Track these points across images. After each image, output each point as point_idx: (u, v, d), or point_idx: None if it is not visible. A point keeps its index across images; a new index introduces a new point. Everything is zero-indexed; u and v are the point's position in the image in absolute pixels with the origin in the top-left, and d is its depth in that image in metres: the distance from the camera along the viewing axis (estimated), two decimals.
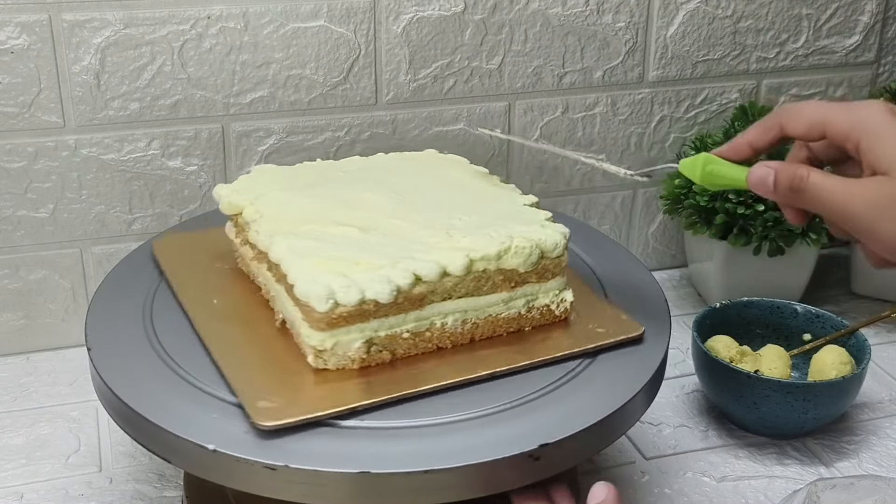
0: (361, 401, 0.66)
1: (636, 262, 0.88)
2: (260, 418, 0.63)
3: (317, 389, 0.67)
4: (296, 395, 0.67)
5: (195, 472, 0.66)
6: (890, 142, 0.59)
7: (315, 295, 0.66)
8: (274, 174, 0.83)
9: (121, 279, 0.82)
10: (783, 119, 0.65)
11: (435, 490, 0.63)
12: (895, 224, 0.58)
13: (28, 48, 0.93)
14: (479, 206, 0.78)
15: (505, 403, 0.68)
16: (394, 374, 0.69)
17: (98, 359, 0.71)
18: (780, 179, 0.63)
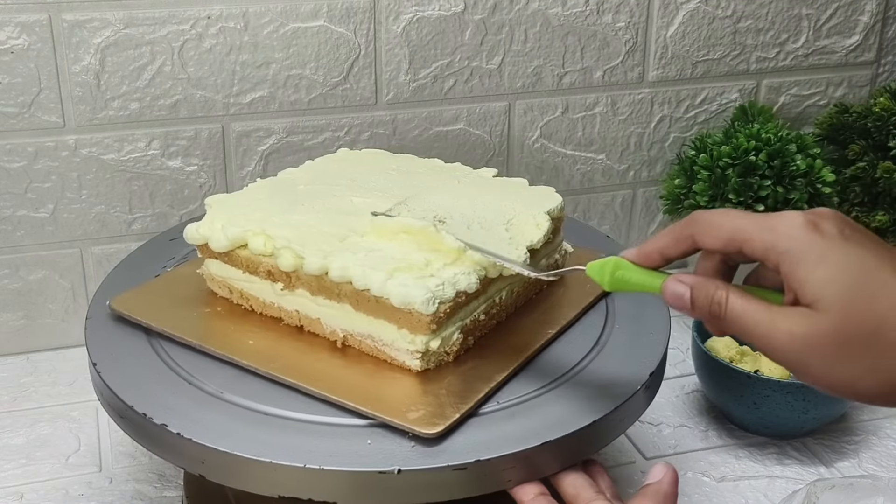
0: (485, 388, 0.68)
1: None
2: (425, 427, 0.63)
3: (437, 387, 0.68)
4: (428, 398, 0.67)
5: (195, 471, 0.66)
6: (811, 266, 0.54)
7: (420, 299, 0.66)
8: (231, 200, 0.79)
9: (121, 279, 0.82)
10: (696, 232, 0.60)
11: (435, 489, 0.63)
12: (826, 363, 0.53)
13: (28, 48, 0.93)
14: (467, 197, 0.79)
15: (505, 402, 0.68)
16: (471, 359, 0.71)
17: (98, 359, 0.71)
18: (696, 299, 0.59)
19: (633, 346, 0.75)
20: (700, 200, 1.04)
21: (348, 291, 0.70)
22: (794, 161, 1.03)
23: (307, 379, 0.68)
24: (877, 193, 1.07)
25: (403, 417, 0.64)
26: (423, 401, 0.66)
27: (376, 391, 0.68)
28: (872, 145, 1.09)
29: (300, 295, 0.73)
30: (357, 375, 0.69)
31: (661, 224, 1.20)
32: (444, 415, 0.65)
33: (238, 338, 0.73)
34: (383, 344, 0.70)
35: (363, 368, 0.70)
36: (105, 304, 0.78)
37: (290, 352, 0.72)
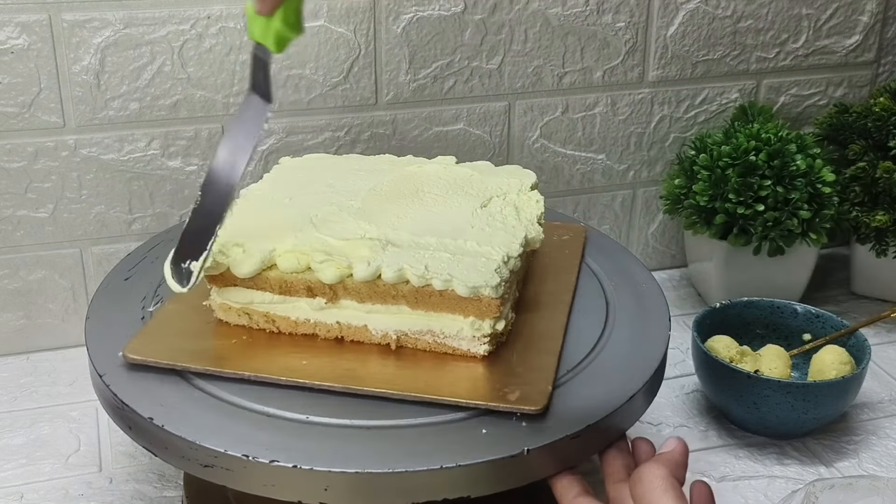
0: (554, 359, 0.71)
1: (636, 262, 0.88)
2: (530, 405, 0.65)
3: (507, 367, 0.70)
4: (510, 378, 0.69)
5: (195, 472, 0.66)
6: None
7: (488, 284, 0.68)
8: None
9: (121, 279, 0.82)
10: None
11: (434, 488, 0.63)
12: None
13: (28, 48, 0.93)
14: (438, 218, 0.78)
15: None
16: (515, 338, 0.74)
17: (98, 359, 0.71)
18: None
19: (633, 346, 0.75)
20: (700, 200, 1.04)
21: (406, 291, 0.70)
22: (794, 161, 1.03)
23: (384, 385, 0.68)
24: (877, 193, 1.07)
25: (506, 400, 0.66)
26: (508, 382, 0.68)
27: (459, 382, 0.69)
28: (872, 145, 1.09)
29: (344, 306, 0.72)
30: (425, 372, 0.70)
31: (662, 224, 1.20)
32: (539, 390, 0.67)
33: (288, 360, 0.71)
34: (445, 336, 0.71)
35: (422, 364, 0.71)
36: (105, 305, 0.78)
37: (350, 363, 0.71)
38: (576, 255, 0.87)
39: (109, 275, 0.83)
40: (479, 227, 0.75)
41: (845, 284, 1.19)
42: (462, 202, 0.79)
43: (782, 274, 1.08)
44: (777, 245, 1.03)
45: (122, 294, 0.80)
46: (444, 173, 0.85)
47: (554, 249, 0.87)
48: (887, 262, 1.10)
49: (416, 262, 0.70)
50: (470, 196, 0.80)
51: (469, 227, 0.75)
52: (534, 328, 0.75)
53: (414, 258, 0.70)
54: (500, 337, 0.72)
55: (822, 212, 1.03)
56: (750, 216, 1.02)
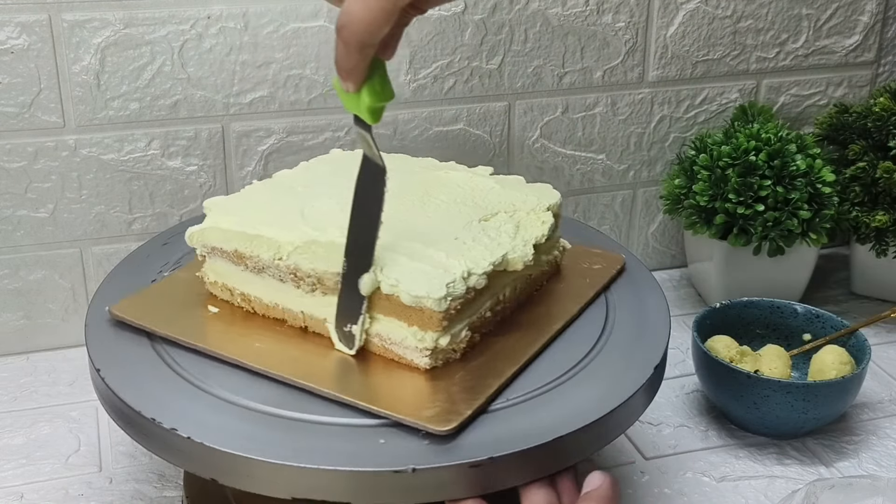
0: (496, 383, 0.69)
1: (636, 261, 0.88)
2: (439, 425, 0.63)
3: (447, 384, 0.69)
4: (439, 396, 0.67)
5: (195, 470, 0.66)
6: None
7: (431, 295, 0.66)
8: (230, 203, 0.78)
9: (121, 279, 0.82)
10: None
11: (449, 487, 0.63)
12: None
13: (28, 48, 0.93)
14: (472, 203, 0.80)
15: (505, 402, 0.68)
16: (478, 356, 0.72)
17: (98, 359, 0.71)
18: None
19: (633, 346, 0.75)
20: (700, 200, 1.04)
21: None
22: (794, 161, 1.03)
23: (317, 380, 0.68)
24: (877, 193, 1.07)
25: (417, 415, 0.64)
26: (434, 398, 0.66)
27: (388, 390, 0.68)
28: (872, 145, 1.09)
29: (313, 295, 0.73)
30: (366, 375, 0.70)
31: (662, 224, 1.20)
32: (457, 411, 0.65)
33: (244, 341, 0.73)
34: (391, 342, 0.70)
35: (372, 368, 0.70)
36: (105, 305, 0.78)
37: (299, 353, 0.72)
38: (595, 285, 0.82)
39: (109, 275, 0.83)
40: (464, 239, 0.73)
41: (845, 284, 1.19)
42: (463, 212, 0.78)
43: (782, 274, 1.08)
44: (777, 245, 1.03)
45: (122, 294, 0.80)
46: (464, 182, 0.83)
47: (575, 276, 0.83)
48: (887, 262, 1.10)
49: (375, 263, 0.69)
50: (476, 207, 0.79)
51: (452, 238, 0.73)
52: (498, 350, 0.73)
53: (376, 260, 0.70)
54: (449, 353, 0.70)
55: (822, 212, 1.03)
56: (750, 216, 1.02)
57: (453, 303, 0.68)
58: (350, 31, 0.59)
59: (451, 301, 0.67)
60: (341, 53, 0.61)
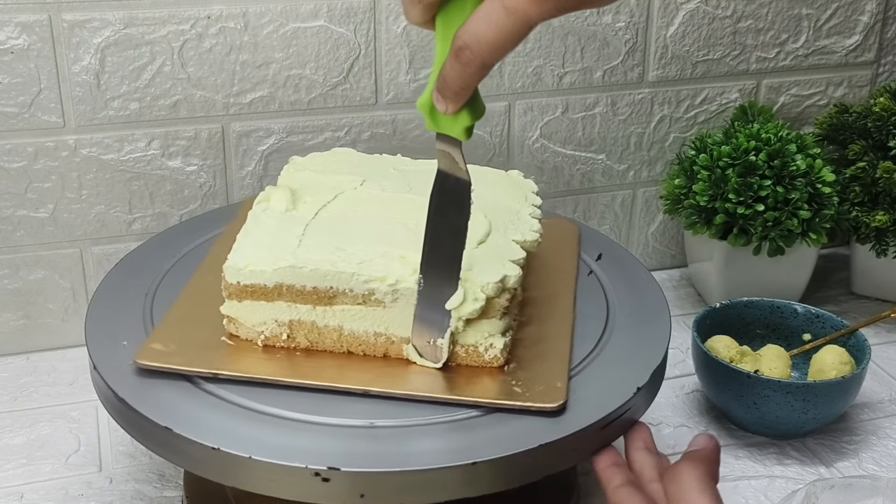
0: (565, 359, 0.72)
1: (636, 262, 0.88)
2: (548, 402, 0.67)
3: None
4: (516, 382, 0.70)
5: (195, 470, 0.66)
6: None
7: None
8: (263, 240, 0.74)
9: (121, 279, 0.82)
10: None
11: (435, 488, 0.63)
12: None
13: (28, 48, 0.93)
14: None
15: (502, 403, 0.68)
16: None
17: (98, 359, 0.71)
18: None
19: (633, 346, 0.75)
20: (700, 200, 1.04)
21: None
22: (794, 161, 1.03)
23: (403, 387, 0.69)
24: (877, 193, 1.07)
25: (525, 399, 0.67)
26: (514, 385, 0.69)
27: (467, 384, 0.70)
28: (872, 145, 1.09)
29: (341, 310, 0.72)
30: (435, 376, 0.71)
31: (662, 224, 1.20)
32: (555, 387, 0.68)
33: (302, 363, 0.72)
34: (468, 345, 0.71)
35: (428, 371, 0.71)
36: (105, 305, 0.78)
37: (363, 365, 0.72)
38: (573, 256, 0.87)
39: (109, 275, 0.83)
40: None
41: (845, 284, 1.19)
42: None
43: (782, 274, 1.08)
44: (777, 245, 1.03)
45: (122, 294, 0.80)
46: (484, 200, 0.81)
47: (548, 253, 0.85)
48: (887, 262, 1.10)
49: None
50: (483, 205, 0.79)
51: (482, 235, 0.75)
52: (526, 336, 0.75)
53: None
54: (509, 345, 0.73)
55: (822, 212, 1.03)
56: (750, 216, 1.02)
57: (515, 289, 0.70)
58: (474, 52, 0.55)
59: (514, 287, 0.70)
60: (456, 75, 0.57)
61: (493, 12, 0.54)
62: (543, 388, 0.68)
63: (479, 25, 0.54)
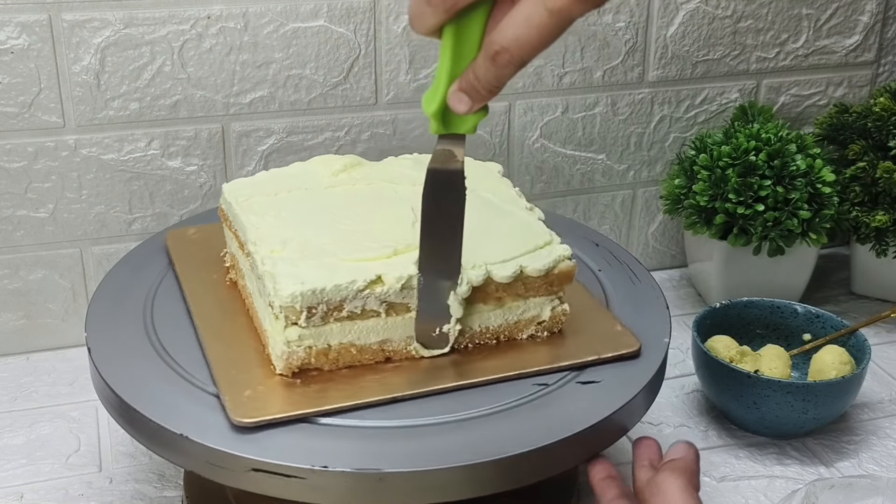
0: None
1: (636, 262, 0.88)
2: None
3: None
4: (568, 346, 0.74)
5: (195, 470, 0.66)
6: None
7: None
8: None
9: (121, 279, 0.82)
10: None
11: (436, 488, 0.63)
12: None
13: (28, 48, 0.93)
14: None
15: (506, 403, 0.68)
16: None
17: (98, 359, 0.71)
18: None
19: None
20: (700, 200, 1.04)
21: None
22: (794, 161, 1.03)
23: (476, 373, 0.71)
24: (877, 193, 1.07)
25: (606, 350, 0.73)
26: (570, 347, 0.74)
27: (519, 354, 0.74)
28: (872, 145, 1.09)
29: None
30: (478, 360, 0.73)
31: (662, 224, 1.20)
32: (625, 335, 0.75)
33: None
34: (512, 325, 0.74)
35: (462, 359, 0.73)
36: (105, 304, 0.78)
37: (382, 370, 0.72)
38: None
39: (109, 275, 0.83)
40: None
41: (845, 284, 1.19)
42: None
43: (782, 274, 1.08)
44: (777, 245, 1.03)
45: (122, 294, 0.80)
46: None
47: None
48: (887, 262, 1.10)
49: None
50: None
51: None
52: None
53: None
54: None
55: (822, 212, 1.03)
56: (750, 216, 1.02)
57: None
58: (514, 54, 0.56)
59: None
60: (492, 76, 0.58)
61: (534, 15, 0.55)
62: (611, 338, 0.74)
63: (520, 28, 0.55)
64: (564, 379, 0.71)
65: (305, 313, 0.67)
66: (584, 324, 0.76)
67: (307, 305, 0.67)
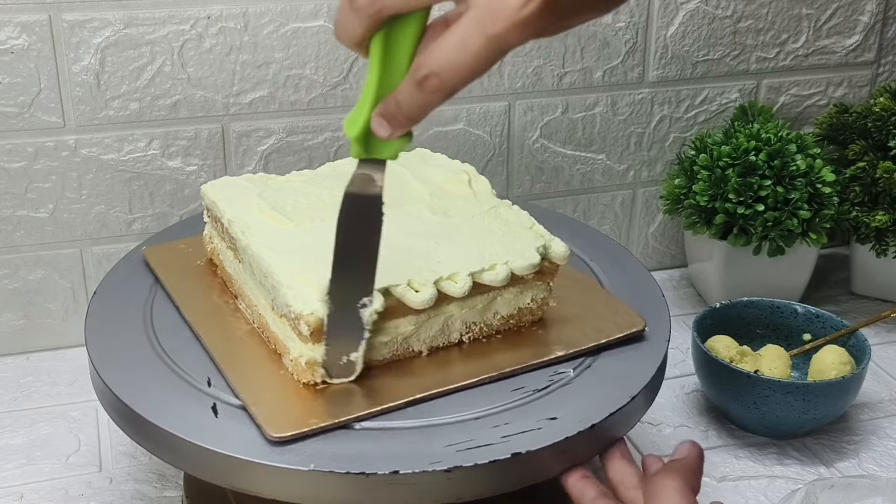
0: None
1: (636, 262, 0.88)
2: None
3: None
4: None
5: (194, 472, 0.66)
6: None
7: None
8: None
9: (121, 279, 0.82)
10: None
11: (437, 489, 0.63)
12: None
13: (28, 48, 0.93)
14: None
15: (506, 404, 0.68)
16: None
17: (98, 359, 0.71)
18: None
19: (633, 347, 0.75)
20: (700, 200, 1.04)
21: None
22: (794, 161, 1.03)
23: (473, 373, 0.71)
24: (877, 193, 1.07)
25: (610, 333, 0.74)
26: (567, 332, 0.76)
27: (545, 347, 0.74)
28: (872, 145, 1.09)
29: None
30: (486, 354, 0.73)
31: (662, 224, 1.20)
32: (629, 314, 0.77)
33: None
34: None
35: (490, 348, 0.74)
36: (105, 304, 0.78)
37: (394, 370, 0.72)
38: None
39: (109, 275, 0.83)
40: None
41: (845, 284, 1.19)
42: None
43: (782, 274, 1.08)
44: (777, 245, 1.03)
45: (122, 294, 0.80)
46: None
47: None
48: (887, 262, 1.10)
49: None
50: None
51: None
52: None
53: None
54: None
55: (822, 212, 1.03)
56: (750, 216, 1.02)
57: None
58: (444, 80, 0.53)
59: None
60: (416, 102, 0.55)
61: (470, 39, 0.51)
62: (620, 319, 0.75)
63: (453, 52, 0.52)
64: (565, 379, 0.71)
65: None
66: (585, 308, 0.78)
67: None
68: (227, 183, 0.82)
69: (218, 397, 0.68)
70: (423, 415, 0.67)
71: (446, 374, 0.70)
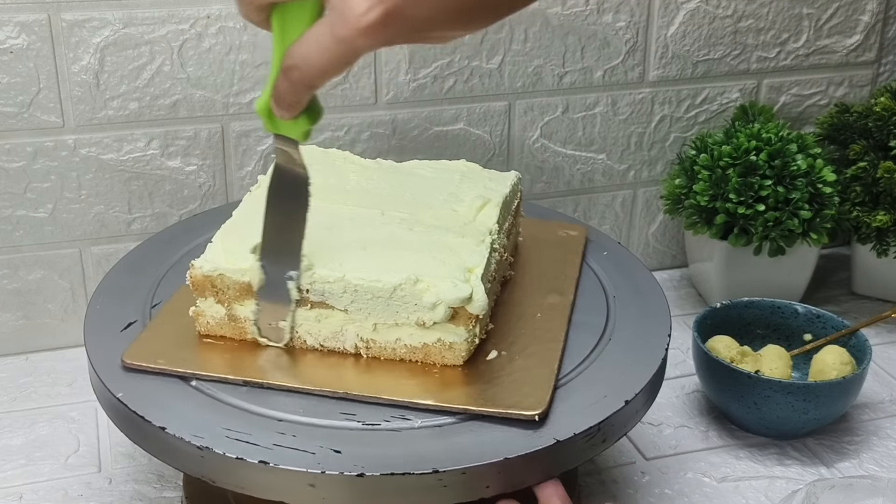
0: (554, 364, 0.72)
1: (636, 262, 0.88)
2: (530, 410, 0.66)
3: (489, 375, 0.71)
4: (497, 388, 0.70)
5: (192, 473, 0.66)
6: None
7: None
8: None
9: (120, 279, 0.82)
10: None
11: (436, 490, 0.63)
12: None
13: (27, 48, 0.92)
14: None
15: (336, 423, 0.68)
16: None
17: (97, 359, 0.71)
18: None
19: (633, 347, 0.75)
20: (700, 200, 1.04)
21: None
22: (794, 161, 1.03)
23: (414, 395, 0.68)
24: (877, 193, 1.07)
25: (507, 406, 0.66)
26: (497, 389, 0.68)
27: (444, 388, 0.69)
28: (873, 145, 1.09)
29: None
30: (401, 379, 0.70)
31: (662, 224, 1.20)
32: (537, 397, 0.67)
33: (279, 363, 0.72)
34: (434, 347, 0.71)
35: (399, 371, 0.71)
36: (104, 304, 0.78)
37: (324, 367, 0.71)
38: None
39: (109, 275, 0.83)
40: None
41: (846, 284, 1.19)
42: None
43: (783, 274, 1.08)
44: (778, 245, 1.03)
45: (122, 294, 0.80)
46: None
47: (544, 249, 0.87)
48: (888, 262, 1.09)
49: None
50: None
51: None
52: (515, 339, 0.75)
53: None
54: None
55: (823, 212, 1.03)
56: (750, 216, 1.02)
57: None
58: (302, 73, 0.57)
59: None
60: (285, 91, 0.58)
61: (322, 38, 0.55)
62: (525, 396, 0.67)
63: (310, 48, 0.56)
64: (565, 378, 0.71)
65: None
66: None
67: None
68: None
69: (217, 398, 0.68)
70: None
71: (317, 372, 0.70)
